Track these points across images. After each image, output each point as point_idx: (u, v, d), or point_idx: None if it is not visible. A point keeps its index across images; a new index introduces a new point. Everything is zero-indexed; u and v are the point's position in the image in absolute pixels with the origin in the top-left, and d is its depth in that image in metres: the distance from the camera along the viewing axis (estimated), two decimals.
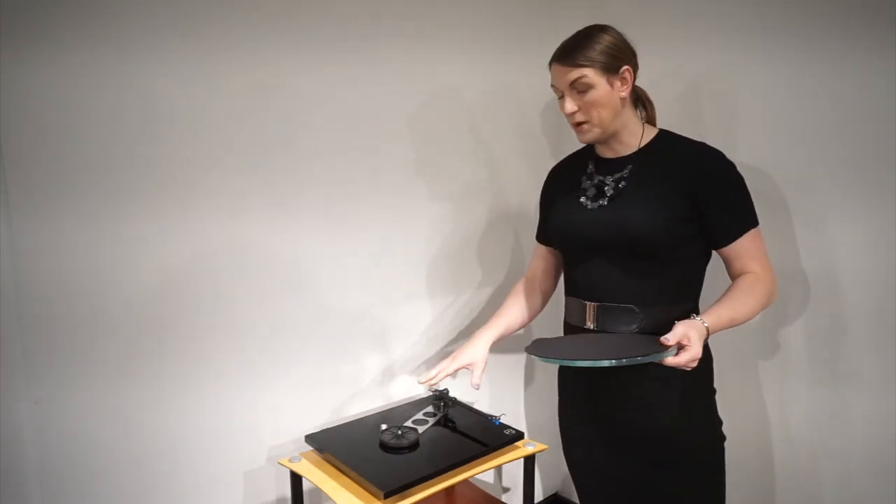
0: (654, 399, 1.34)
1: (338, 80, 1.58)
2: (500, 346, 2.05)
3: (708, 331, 1.21)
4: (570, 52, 1.30)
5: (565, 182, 1.48)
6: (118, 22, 1.27)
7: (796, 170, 1.55)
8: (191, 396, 1.44)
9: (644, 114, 1.41)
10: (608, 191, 1.35)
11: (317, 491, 1.59)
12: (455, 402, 1.68)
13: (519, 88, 1.98)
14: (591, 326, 1.38)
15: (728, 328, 1.27)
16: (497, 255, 2.01)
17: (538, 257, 1.63)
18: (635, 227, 1.29)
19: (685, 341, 1.15)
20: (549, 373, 2.20)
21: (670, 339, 1.15)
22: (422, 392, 1.86)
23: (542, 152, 2.08)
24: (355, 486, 1.37)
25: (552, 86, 1.36)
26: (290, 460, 1.48)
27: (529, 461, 1.58)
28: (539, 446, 1.57)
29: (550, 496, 2.31)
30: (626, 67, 1.30)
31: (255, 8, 1.43)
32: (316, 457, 1.49)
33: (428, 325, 1.86)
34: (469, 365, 1.46)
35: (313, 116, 1.55)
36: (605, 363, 1.13)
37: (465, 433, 1.56)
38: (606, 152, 1.40)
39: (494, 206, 1.98)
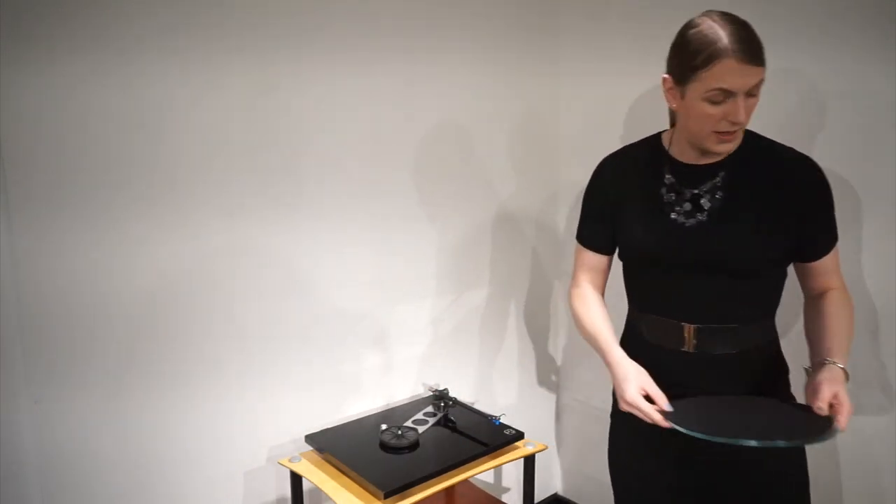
0: None
1: (339, 82, 1.58)
2: (501, 346, 2.06)
3: (847, 374, 1.12)
4: (756, 49, 1.08)
5: (636, 187, 1.30)
6: (117, 23, 1.26)
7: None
8: (191, 396, 1.44)
9: None
10: (704, 204, 1.21)
11: (317, 491, 1.59)
12: (455, 402, 1.68)
13: (520, 89, 1.98)
14: (690, 350, 1.24)
15: None
16: (497, 255, 2.01)
17: (592, 268, 1.40)
18: (742, 248, 1.19)
19: (835, 400, 1.06)
20: (550, 373, 2.21)
21: (822, 406, 1.06)
22: (422, 392, 1.87)
23: (542, 152, 2.08)
24: (355, 486, 1.37)
25: (718, 89, 1.09)
26: (290, 460, 1.48)
27: (529, 461, 1.58)
28: (539, 446, 1.57)
29: (550, 496, 2.31)
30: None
31: (257, 11, 1.43)
32: (316, 457, 1.49)
33: (428, 325, 1.86)
34: (643, 389, 1.18)
35: (314, 118, 1.55)
36: (773, 444, 1.04)
37: (465, 433, 1.56)
38: (692, 157, 1.23)
39: (494, 206, 1.98)
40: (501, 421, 1.62)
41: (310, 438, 1.53)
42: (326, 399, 1.67)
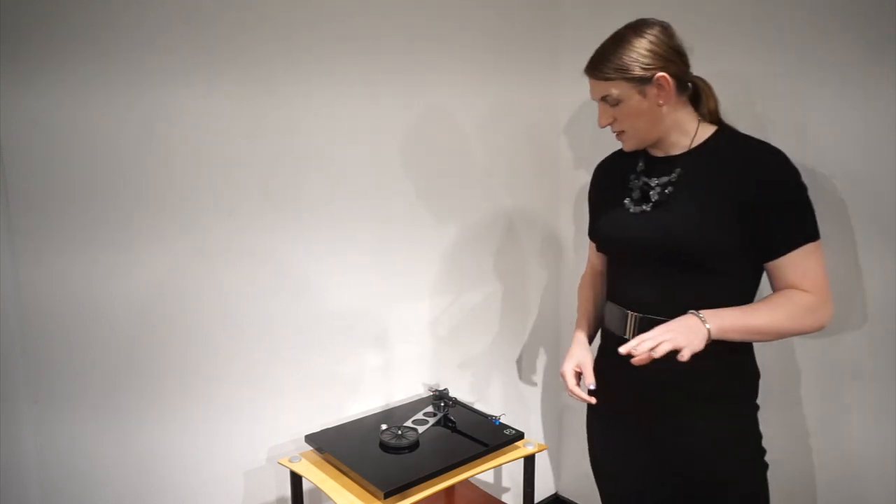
0: (696, 420, 1.26)
1: (339, 85, 1.58)
2: (501, 346, 2.06)
3: (708, 330, 1.12)
4: (597, 64, 1.21)
5: (614, 178, 1.37)
6: (119, 29, 1.26)
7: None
8: (190, 397, 1.44)
9: (703, 109, 1.28)
10: (653, 196, 1.25)
11: (317, 491, 1.59)
12: (455, 402, 1.68)
13: (521, 91, 1.98)
14: (630, 338, 1.23)
15: (746, 336, 1.17)
16: (497, 255, 2.01)
17: (593, 254, 1.53)
18: (678, 236, 1.19)
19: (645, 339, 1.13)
20: (550, 373, 2.21)
21: (629, 348, 1.13)
22: (422, 392, 1.87)
23: (541, 152, 2.08)
24: (355, 486, 1.37)
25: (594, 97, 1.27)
26: (290, 460, 1.48)
27: (529, 461, 1.58)
28: (539, 446, 1.57)
29: (550, 496, 2.31)
30: (660, 75, 1.18)
31: (261, 20, 1.43)
32: (316, 457, 1.49)
33: (428, 325, 1.86)
34: (579, 366, 1.36)
35: (314, 120, 1.55)
36: None
37: (465, 433, 1.56)
38: (657, 151, 1.30)
39: (493, 206, 1.98)
40: (501, 421, 1.62)
41: (310, 438, 1.53)
42: (326, 399, 1.67)
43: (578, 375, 1.35)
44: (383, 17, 1.64)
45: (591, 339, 1.46)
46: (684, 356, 1.10)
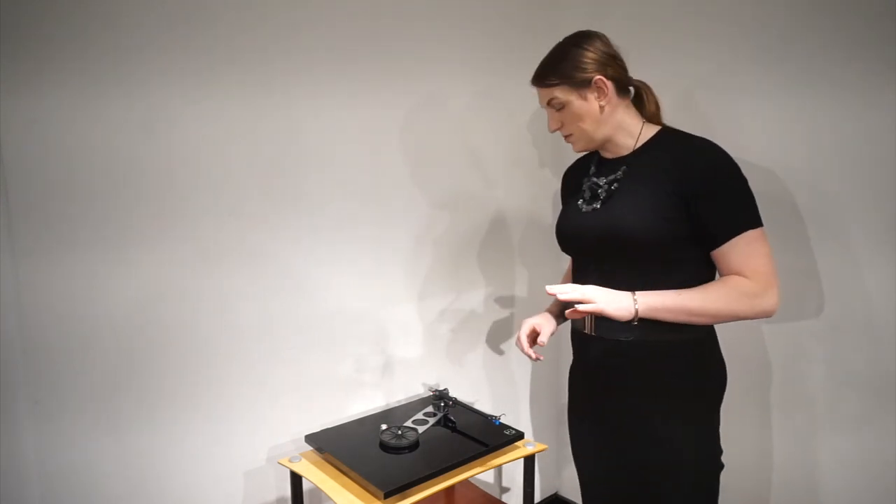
0: (654, 411, 1.31)
1: (337, 87, 1.58)
2: (501, 346, 2.06)
3: (636, 310, 1.19)
4: (539, 73, 1.34)
5: (573, 183, 1.47)
6: (120, 33, 1.27)
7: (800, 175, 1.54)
8: (191, 396, 1.44)
9: (646, 111, 1.35)
10: (601, 193, 1.33)
11: (317, 491, 1.59)
12: (455, 402, 1.68)
13: (521, 93, 1.97)
14: (591, 332, 1.35)
15: (679, 316, 1.21)
16: (495, 256, 2.01)
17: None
18: (624, 228, 1.25)
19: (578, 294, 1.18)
20: (549, 373, 2.21)
21: (558, 291, 1.19)
22: (422, 392, 1.87)
23: (535, 156, 2.08)
24: (355, 486, 1.37)
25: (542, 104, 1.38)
26: (290, 460, 1.48)
27: (529, 461, 1.58)
28: (539, 446, 1.57)
29: (550, 496, 2.31)
30: (597, 78, 1.27)
31: (261, 20, 1.43)
32: (316, 457, 1.49)
33: (427, 326, 1.86)
34: (537, 326, 1.44)
35: (315, 121, 1.55)
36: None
37: (465, 433, 1.56)
38: (607, 153, 1.38)
39: (492, 208, 1.98)
40: (501, 421, 1.62)
41: (310, 438, 1.53)
42: (326, 399, 1.67)
43: (535, 339, 1.42)
44: (383, 18, 1.64)
45: (558, 316, 1.51)
46: (587, 309, 1.19)
